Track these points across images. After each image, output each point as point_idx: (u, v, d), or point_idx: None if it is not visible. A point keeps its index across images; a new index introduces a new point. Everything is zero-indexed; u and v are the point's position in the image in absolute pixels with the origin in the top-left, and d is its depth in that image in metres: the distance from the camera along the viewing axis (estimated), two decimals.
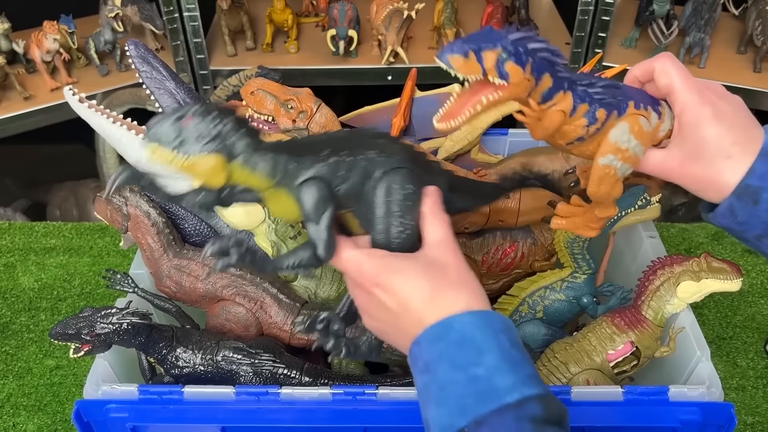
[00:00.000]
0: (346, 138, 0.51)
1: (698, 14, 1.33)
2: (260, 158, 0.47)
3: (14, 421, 0.81)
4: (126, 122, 0.73)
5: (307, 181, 0.48)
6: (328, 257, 0.48)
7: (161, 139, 0.44)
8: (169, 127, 0.45)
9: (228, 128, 0.45)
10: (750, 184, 0.46)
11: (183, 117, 0.45)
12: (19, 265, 1.03)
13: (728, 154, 0.47)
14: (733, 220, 0.48)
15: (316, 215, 0.47)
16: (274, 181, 0.48)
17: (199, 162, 0.45)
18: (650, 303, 0.67)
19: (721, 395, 0.59)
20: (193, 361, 0.63)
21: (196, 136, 0.45)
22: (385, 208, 0.49)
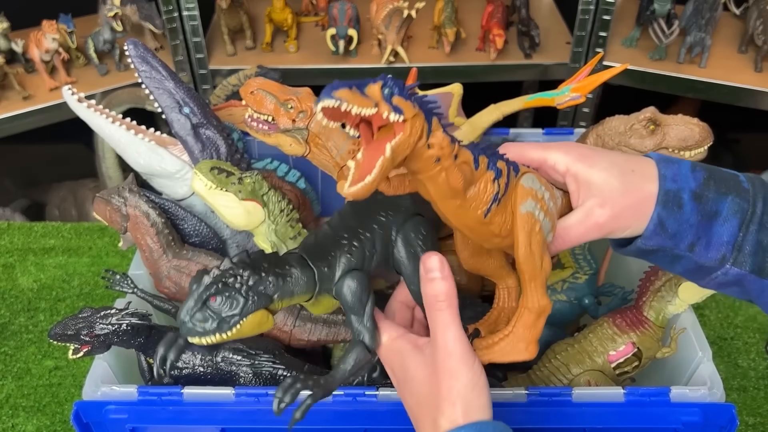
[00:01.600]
0: (355, 213, 0.53)
1: (699, 14, 1.32)
2: (293, 284, 0.48)
3: (13, 422, 0.81)
4: (125, 122, 0.73)
5: (343, 277, 0.49)
6: (377, 346, 0.49)
7: (201, 331, 0.45)
8: (201, 317, 0.45)
9: (251, 282, 0.46)
10: (670, 189, 0.46)
11: (207, 299, 0.45)
12: (18, 266, 1.03)
13: (631, 169, 0.47)
14: (664, 235, 0.46)
15: (360, 306, 0.49)
16: (314, 293, 0.49)
17: (246, 325, 0.46)
18: (652, 304, 0.67)
19: (723, 396, 0.59)
20: (192, 362, 0.63)
21: (230, 311, 0.45)
22: (414, 261, 0.51)
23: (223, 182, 0.68)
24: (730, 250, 0.45)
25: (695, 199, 0.45)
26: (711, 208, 0.45)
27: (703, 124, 0.69)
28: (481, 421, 0.45)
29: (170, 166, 0.73)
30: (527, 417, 0.59)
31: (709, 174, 0.47)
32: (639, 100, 0.85)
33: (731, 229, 0.45)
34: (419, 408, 0.47)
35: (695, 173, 0.47)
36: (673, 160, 0.48)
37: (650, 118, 0.69)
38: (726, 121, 1.40)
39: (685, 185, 0.46)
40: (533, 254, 0.47)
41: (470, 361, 0.46)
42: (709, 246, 0.46)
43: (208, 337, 0.45)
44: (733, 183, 0.47)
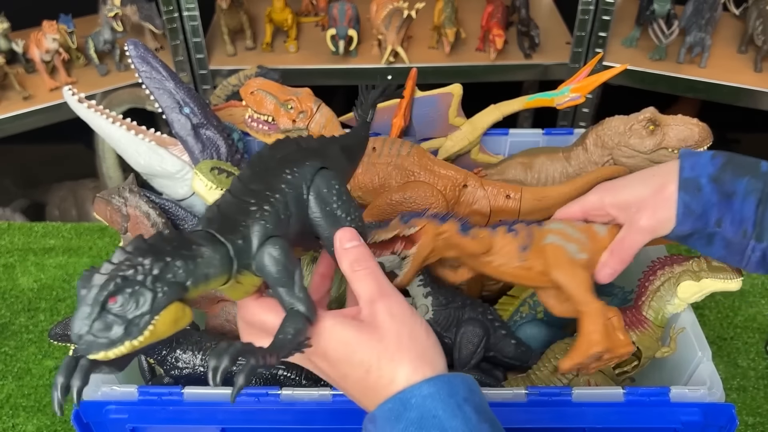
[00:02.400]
0: (257, 175, 0.46)
1: (699, 14, 1.33)
2: (206, 265, 0.40)
3: (13, 422, 0.81)
4: (125, 122, 0.73)
5: (262, 247, 0.42)
6: (315, 314, 0.43)
7: (106, 339, 0.36)
8: (104, 323, 0.36)
9: (155, 270, 0.37)
10: (687, 177, 0.53)
11: (105, 302, 0.36)
12: (18, 266, 1.03)
13: (652, 174, 0.55)
14: (693, 216, 0.52)
15: (287, 275, 0.42)
16: (231, 272, 0.41)
17: (161, 324, 0.37)
18: (651, 303, 0.67)
19: (722, 396, 0.59)
20: (192, 362, 0.63)
21: (137, 310, 0.36)
22: (332, 219, 0.46)
23: (224, 182, 0.68)
24: (751, 225, 0.51)
25: (714, 181, 0.52)
26: (728, 189, 0.51)
27: (703, 124, 0.69)
28: (445, 375, 0.41)
29: (170, 167, 0.73)
30: (527, 417, 0.59)
31: (728, 159, 0.53)
32: (639, 100, 0.85)
33: (750, 206, 0.51)
34: (368, 376, 0.41)
35: (714, 160, 0.53)
36: (695, 153, 0.54)
37: (650, 119, 0.69)
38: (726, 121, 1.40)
39: (702, 171, 0.52)
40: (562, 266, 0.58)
41: (409, 309, 0.43)
42: (733, 222, 0.51)
43: (115, 349, 0.36)
44: (751, 167, 0.52)
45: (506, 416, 0.59)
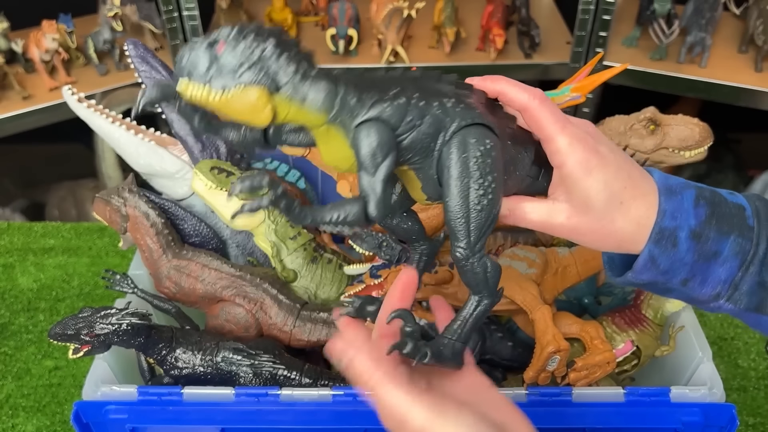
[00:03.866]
0: (420, 78, 0.42)
1: (699, 13, 1.32)
2: (312, 88, 0.39)
3: (13, 422, 0.81)
4: (125, 122, 0.73)
5: (367, 122, 0.39)
6: (378, 217, 0.40)
7: (192, 71, 0.37)
8: (199, 57, 0.37)
9: (269, 52, 0.37)
10: (666, 227, 0.43)
11: (215, 43, 0.37)
12: (17, 266, 1.03)
13: (620, 200, 0.43)
14: (655, 271, 0.43)
15: (372, 164, 0.39)
16: (328, 116, 0.40)
17: (238, 97, 0.37)
18: (650, 302, 0.67)
19: (723, 396, 0.59)
20: (192, 362, 0.63)
21: (232, 66, 0.37)
22: (461, 167, 0.40)
23: (223, 182, 0.68)
24: (726, 288, 0.43)
25: (693, 237, 0.43)
26: (710, 249, 0.43)
27: (704, 124, 0.69)
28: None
29: (170, 166, 0.73)
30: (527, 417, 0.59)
31: (712, 210, 0.43)
32: (639, 100, 0.85)
33: (730, 269, 0.43)
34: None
35: (697, 209, 0.43)
36: (675, 189, 0.44)
37: (650, 118, 0.69)
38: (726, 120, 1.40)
39: (684, 223, 0.43)
40: (509, 282, 0.63)
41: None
42: (704, 283, 0.44)
43: (193, 85, 0.37)
44: (737, 220, 0.43)
45: None
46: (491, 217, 0.41)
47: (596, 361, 0.62)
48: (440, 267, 0.66)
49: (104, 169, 1.34)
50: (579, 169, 0.43)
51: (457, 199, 0.41)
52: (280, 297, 0.68)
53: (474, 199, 0.41)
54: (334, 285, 0.72)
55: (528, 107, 0.44)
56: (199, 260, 0.69)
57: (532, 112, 0.43)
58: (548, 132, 0.43)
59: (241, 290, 0.68)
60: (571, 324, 0.64)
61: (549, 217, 0.45)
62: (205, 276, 0.68)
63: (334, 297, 0.72)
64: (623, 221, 0.43)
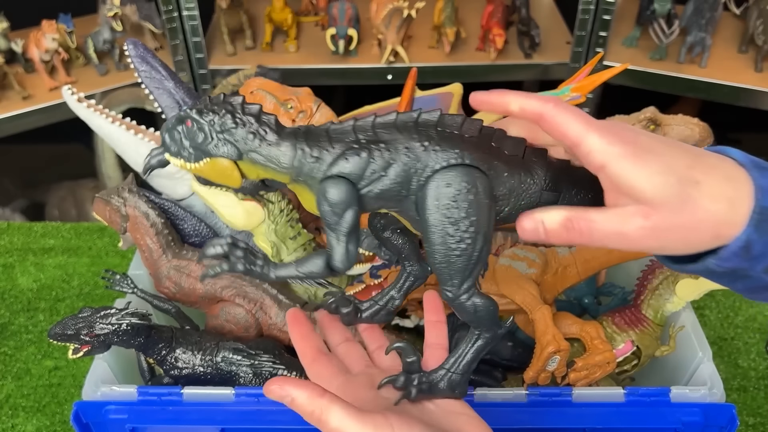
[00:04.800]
0: (395, 122, 0.41)
1: (699, 13, 1.32)
2: (271, 153, 0.41)
3: (13, 422, 0.81)
4: (125, 122, 0.73)
5: (326, 181, 0.40)
6: (342, 270, 0.41)
7: (170, 148, 0.42)
8: (174, 135, 0.42)
9: (228, 125, 0.41)
10: (766, 206, 0.36)
11: (183, 121, 0.42)
12: (17, 266, 1.03)
13: (694, 180, 0.36)
14: (745, 257, 0.37)
15: (332, 221, 0.40)
16: (291, 176, 0.42)
17: (209, 166, 0.42)
18: (650, 302, 0.67)
19: (723, 396, 0.59)
20: (192, 362, 0.63)
21: (199, 141, 0.41)
22: (435, 215, 0.39)
23: None
24: None
25: None
26: None
27: (704, 124, 0.69)
28: None
29: (170, 166, 0.73)
30: (527, 417, 0.59)
31: None
32: (639, 100, 0.85)
33: None
34: None
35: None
36: (763, 164, 0.38)
37: (650, 118, 0.69)
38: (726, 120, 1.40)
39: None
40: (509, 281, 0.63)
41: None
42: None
43: (173, 158, 0.42)
44: None
45: (506, 417, 0.59)
46: (473, 260, 0.40)
47: (596, 361, 0.62)
48: None
49: (104, 169, 1.34)
50: (626, 162, 0.36)
51: (436, 246, 0.40)
52: (280, 297, 0.68)
53: (452, 246, 0.40)
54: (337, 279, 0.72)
55: (543, 113, 0.38)
56: (197, 260, 0.69)
57: (548, 118, 0.38)
58: (574, 134, 0.37)
59: (241, 290, 0.68)
60: (571, 324, 0.64)
61: (622, 225, 0.37)
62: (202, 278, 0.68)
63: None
64: (710, 202, 0.36)
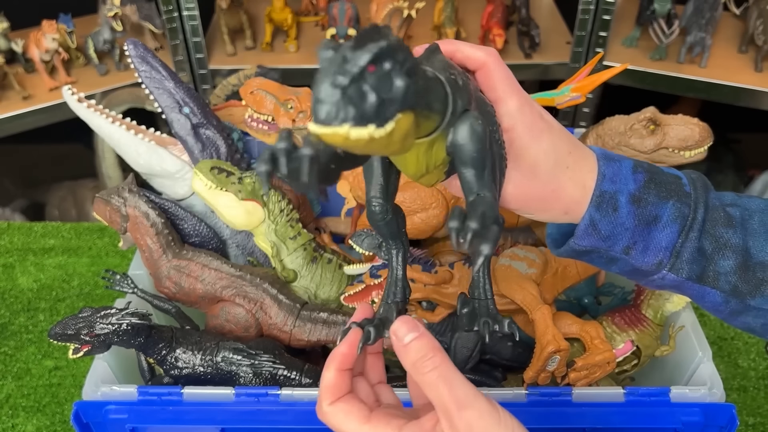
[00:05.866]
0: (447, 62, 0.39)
1: (699, 13, 1.32)
2: (434, 96, 0.35)
3: (13, 422, 0.81)
4: (125, 122, 0.73)
5: (465, 118, 0.37)
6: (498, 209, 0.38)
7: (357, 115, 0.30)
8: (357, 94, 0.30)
9: (409, 63, 0.31)
10: (606, 190, 0.43)
11: (363, 69, 0.29)
12: (17, 266, 1.03)
13: (566, 165, 0.43)
14: (597, 236, 0.43)
15: (481, 159, 0.37)
16: (444, 117, 0.36)
17: (399, 127, 0.31)
18: (650, 302, 0.67)
19: (723, 396, 0.59)
20: (192, 362, 0.63)
21: (389, 93, 0.30)
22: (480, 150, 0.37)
23: (223, 182, 0.68)
24: (667, 256, 0.43)
25: (633, 202, 0.43)
26: (650, 213, 0.43)
27: (703, 124, 0.69)
28: None
29: (170, 166, 0.73)
30: (527, 417, 0.59)
31: (650, 176, 0.44)
32: (639, 100, 0.85)
33: (670, 235, 0.43)
34: None
35: (636, 175, 0.44)
36: (614, 157, 0.45)
37: (650, 118, 0.69)
38: (726, 120, 1.40)
39: (623, 187, 0.43)
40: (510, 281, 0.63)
41: (493, 419, 0.38)
42: (646, 251, 0.43)
43: (358, 129, 0.29)
44: (674, 187, 0.44)
45: None
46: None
47: (596, 361, 0.62)
48: (440, 267, 0.66)
49: (104, 169, 1.34)
50: (528, 132, 0.42)
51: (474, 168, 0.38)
52: (280, 297, 0.68)
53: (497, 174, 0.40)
54: (334, 285, 0.72)
55: (485, 64, 0.42)
56: (199, 260, 0.69)
57: (487, 71, 0.42)
58: (500, 92, 0.42)
59: (241, 290, 0.68)
60: (571, 324, 0.64)
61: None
62: (205, 276, 0.68)
63: (334, 297, 0.72)
64: (571, 185, 0.43)
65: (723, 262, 0.43)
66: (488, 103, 0.42)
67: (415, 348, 0.38)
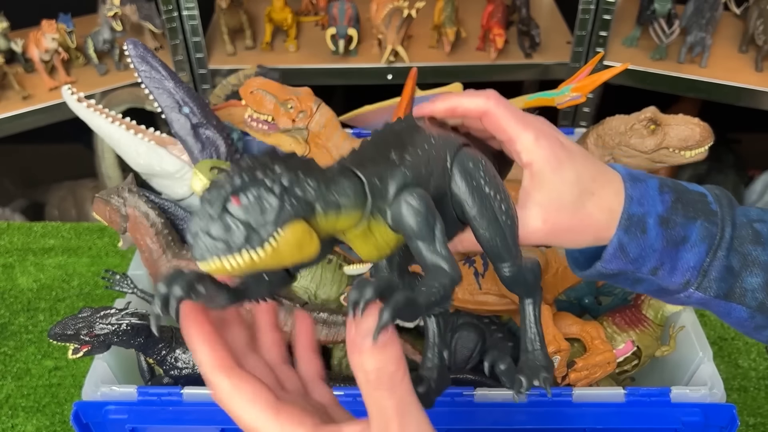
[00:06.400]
0: (395, 135, 0.41)
1: (700, 13, 1.32)
2: (338, 192, 0.35)
3: (13, 423, 0.81)
4: (125, 122, 0.73)
5: (400, 195, 0.37)
6: (459, 279, 0.37)
7: (220, 247, 0.32)
8: (221, 227, 0.32)
9: (285, 181, 0.33)
10: (634, 213, 0.42)
11: (227, 201, 0.32)
12: (17, 266, 1.03)
13: (591, 192, 0.42)
14: (625, 259, 0.42)
15: (427, 231, 0.37)
16: (364, 210, 0.37)
17: (284, 242, 0.33)
18: (650, 302, 0.67)
19: (723, 396, 0.59)
20: (192, 363, 0.63)
21: (261, 214, 0.32)
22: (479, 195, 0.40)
23: None
24: (695, 276, 0.43)
25: (662, 224, 0.42)
26: (678, 234, 0.42)
27: (704, 123, 0.69)
28: None
29: (170, 166, 0.73)
30: (528, 417, 0.59)
31: (677, 196, 0.43)
32: (639, 99, 0.85)
33: (698, 254, 0.42)
34: None
35: (663, 195, 0.43)
36: (639, 176, 0.44)
37: (651, 118, 0.69)
38: (727, 120, 1.40)
39: (651, 209, 0.42)
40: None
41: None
42: (673, 271, 0.43)
43: (231, 257, 0.32)
44: (701, 205, 0.43)
45: (507, 417, 0.59)
46: (517, 224, 0.42)
47: (596, 361, 0.61)
48: None
49: (104, 169, 1.34)
50: (548, 165, 0.42)
51: (489, 224, 0.41)
52: (279, 297, 0.68)
53: (502, 217, 0.41)
54: (334, 285, 0.72)
55: (486, 110, 0.42)
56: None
57: (490, 115, 0.42)
58: (511, 132, 0.42)
59: None
60: (571, 324, 0.64)
61: (522, 227, 0.42)
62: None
63: (334, 297, 0.72)
64: (597, 212, 0.42)
65: (750, 279, 0.43)
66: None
67: (377, 356, 0.32)
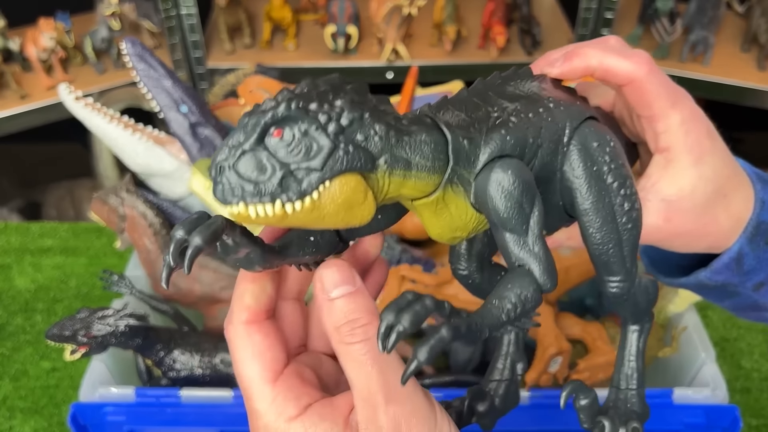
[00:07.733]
0: (500, 82, 0.33)
1: (702, 12, 1.32)
2: (412, 146, 0.27)
3: (10, 424, 0.80)
4: (122, 120, 0.72)
5: (491, 165, 0.29)
6: (552, 286, 0.29)
7: (247, 189, 0.24)
8: (252, 164, 0.25)
9: (344, 120, 0.25)
10: (764, 221, 0.36)
11: (266, 131, 0.25)
12: (14, 266, 1.02)
13: (724, 193, 0.35)
14: (737, 271, 0.36)
15: (519, 219, 0.29)
16: (443, 176, 0.28)
17: (327, 197, 0.25)
18: None
19: (726, 398, 0.59)
20: (190, 364, 0.62)
21: (305, 160, 0.25)
22: (597, 185, 0.31)
23: None
24: None
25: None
26: None
27: None
28: None
29: (168, 166, 0.72)
30: (528, 418, 0.58)
31: None
32: None
33: None
34: None
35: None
36: (766, 178, 0.38)
37: None
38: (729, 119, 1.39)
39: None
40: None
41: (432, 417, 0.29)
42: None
43: (257, 205, 0.24)
44: None
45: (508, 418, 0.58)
46: (641, 229, 0.33)
47: (599, 362, 0.61)
48: (441, 268, 0.65)
49: (102, 168, 1.34)
50: (688, 155, 0.34)
51: (603, 224, 0.32)
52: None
53: (622, 218, 0.32)
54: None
55: (635, 79, 0.34)
56: (197, 261, 0.69)
57: (638, 85, 0.34)
58: (657, 108, 0.34)
59: None
60: (573, 325, 0.64)
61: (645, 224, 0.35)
62: (203, 277, 0.68)
63: None
64: (724, 217, 0.35)
65: None
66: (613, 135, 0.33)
67: (342, 307, 0.28)
